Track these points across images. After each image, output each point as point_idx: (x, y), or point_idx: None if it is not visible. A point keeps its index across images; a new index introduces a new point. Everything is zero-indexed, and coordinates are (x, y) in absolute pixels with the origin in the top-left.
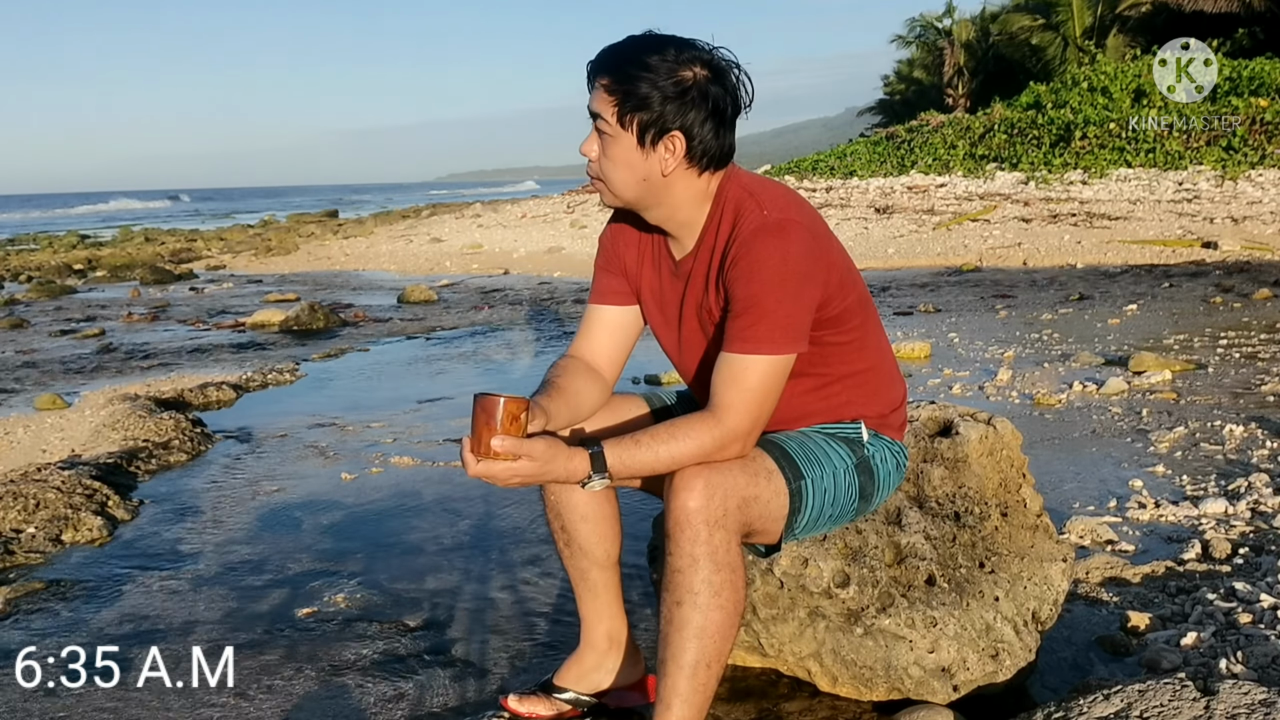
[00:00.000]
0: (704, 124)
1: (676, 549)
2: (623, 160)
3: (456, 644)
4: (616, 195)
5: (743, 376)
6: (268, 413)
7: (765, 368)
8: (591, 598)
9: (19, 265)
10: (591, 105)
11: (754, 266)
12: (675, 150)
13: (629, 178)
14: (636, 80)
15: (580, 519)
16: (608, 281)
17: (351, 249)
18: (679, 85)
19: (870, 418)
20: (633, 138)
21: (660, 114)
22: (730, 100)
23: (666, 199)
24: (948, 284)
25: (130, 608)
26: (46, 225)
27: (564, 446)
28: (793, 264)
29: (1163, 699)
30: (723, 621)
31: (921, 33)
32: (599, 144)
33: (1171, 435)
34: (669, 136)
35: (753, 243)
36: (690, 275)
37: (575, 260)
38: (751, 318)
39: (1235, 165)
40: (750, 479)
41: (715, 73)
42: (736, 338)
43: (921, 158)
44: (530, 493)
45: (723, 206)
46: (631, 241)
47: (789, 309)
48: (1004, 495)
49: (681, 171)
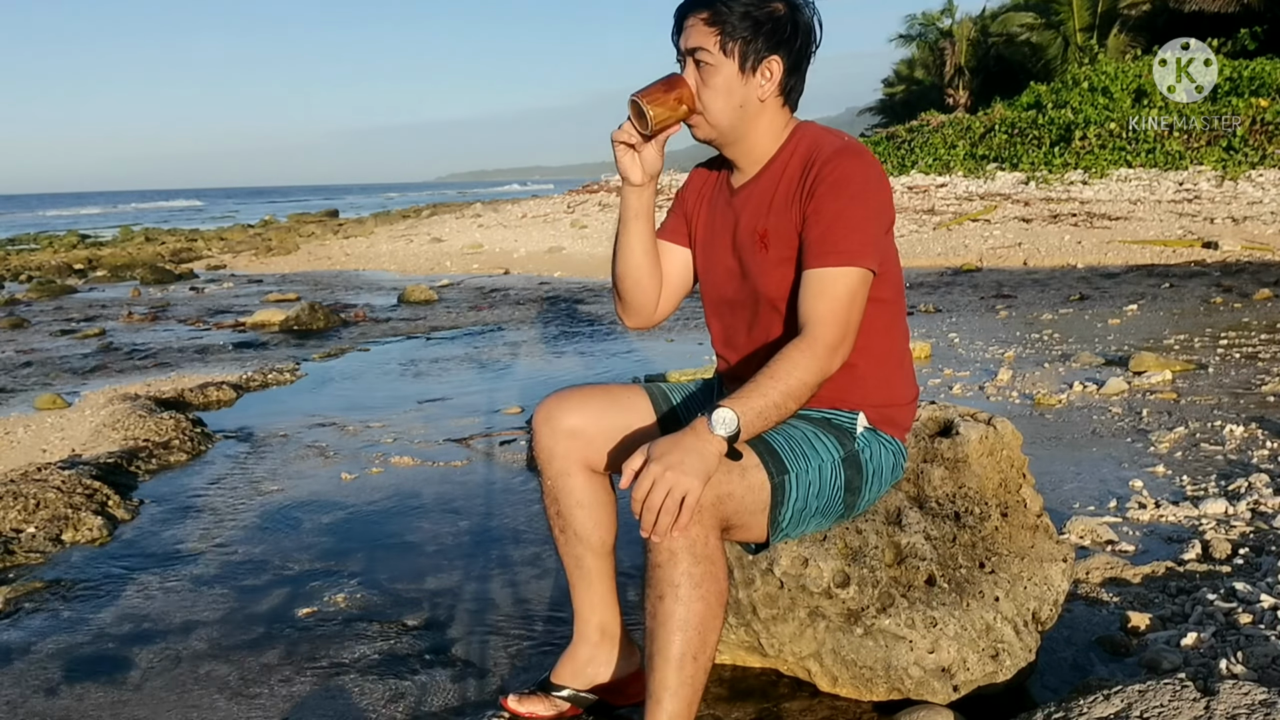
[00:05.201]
0: (792, 55)
1: (654, 544)
2: (723, 87)
3: (456, 644)
4: (713, 125)
5: (832, 289)
6: (268, 412)
7: (854, 280)
8: (585, 587)
9: (19, 265)
10: (688, 43)
11: (841, 182)
12: (772, 75)
13: (727, 104)
14: (732, 10)
15: (576, 504)
16: (671, 220)
17: (352, 249)
18: (771, 15)
19: (873, 408)
20: (734, 64)
21: (758, 40)
22: (810, 38)
23: (753, 130)
24: (948, 284)
25: (130, 608)
26: (72, 223)
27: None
28: (874, 184)
29: (1163, 699)
30: (705, 613)
31: (922, 32)
32: (698, 76)
33: (1172, 435)
34: (768, 61)
35: (840, 160)
36: (749, 199)
37: (576, 260)
38: (841, 231)
39: (1236, 165)
40: (724, 474)
41: (800, 13)
42: (825, 251)
43: (922, 158)
44: (530, 493)
45: (797, 141)
46: (696, 186)
47: (874, 226)
48: (1004, 495)
49: (772, 99)
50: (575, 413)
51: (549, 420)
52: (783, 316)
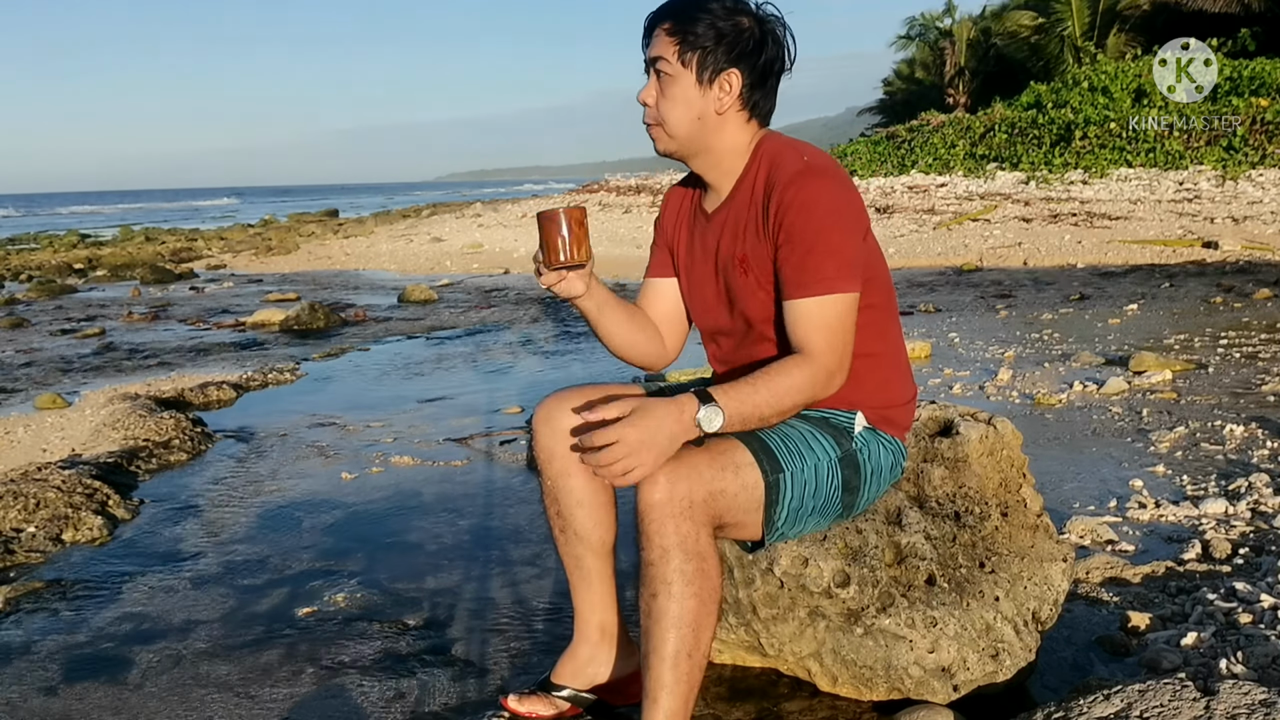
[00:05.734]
0: (755, 69)
1: (647, 542)
2: (681, 98)
3: (456, 644)
4: (671, 135)
5: (821, 319)
6: (268, 412)
7: (841, 306)
8: (585, 587)
9: (19, 265)
10: (651, 52)
11: (809, 206)
12: (730, 89)
13: (685, 115)
14: (696, 21)
15: (576, 504)
16: (658, 255)
17: (352, 248)
18: (736, 28)
19: (871, 409)
20: (692, 75)
21: (717, 52)
22: (778, 54)
23: (715, 142)
24: (948, 284)
25: (130, 608)
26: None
27: (660, 400)
28: (841, 200)
29: (1163, 699)
30: (698, 610)
31: (922, 32)
32: (657, 87)
33: (1172, 435)
34: (725, 74)
35: (802, 183)
36: (724, 225)
37: None
38: (817, 258)
39: (1236, 165)
40: (717, 471)
41: (768, 25)
42: (810, 281)
43: (922, 157)
44: (530, 493)
45: (760, 158)
46: (674, 209)
47: (850, 246)
48: (1004, 495)
49: (734, 114)
50: (576, 413)
51: (549, 420)
52: (773, 339)
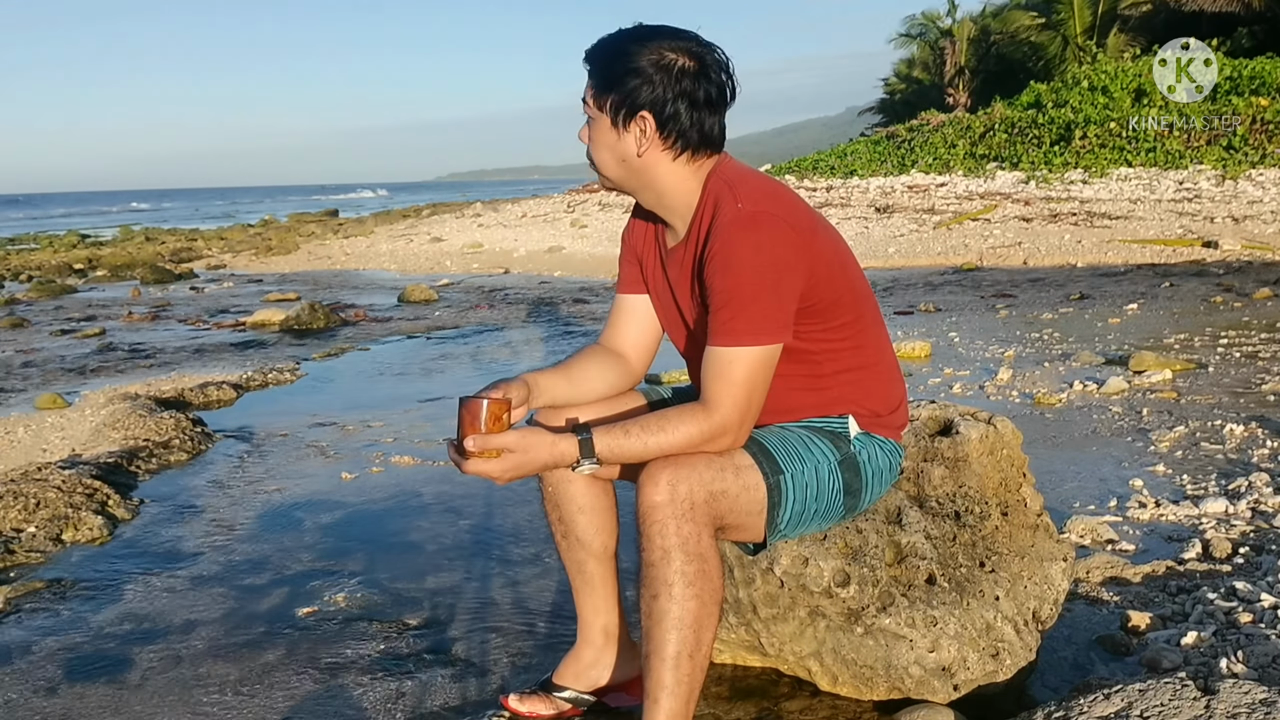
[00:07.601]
0: (675, 105)
1: (648, 543)
2: (602, 141)
3: (456, 644)
4: (604, 176)
5: (728, 370)
6: (268, 412)
7: (750, 359)
8: (588, 591)
9: (19, 265)
10: (583, 93)
11: (728, 260)
12: (646, 130)
13: (608, 158)
14: (612, 64)
15: (578, 510)
16: (626, 270)
17: (352, 248)
18: (653, 66)
19: (862, 415)
20: (607, 118)
21: (628, 95)
22: (707, 85)
23: (650, 182)
24: (948, 283)
25: (130, 607)
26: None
27: (545, 434)
28: (766, 254)
29: (1163, 698)
30: (699, 610)
31: (922, 31)
32: (589, 129)
33: (1172, 435)
34: (638, 117)
35: (725, 236)
36: (681, 264)
37: (575, 260)
38: (731, 311)
39: (1236, 165)
40: (717, 473)
41: (694, 59)
42: (718, 331)
43: (922, 157)
44: (530, 493)
45: (706, 199)
46: (641, 231)
47: (767, 300)
48: (1004, 494)
49: (658, 154)
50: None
51: (549, 423)
52: None
